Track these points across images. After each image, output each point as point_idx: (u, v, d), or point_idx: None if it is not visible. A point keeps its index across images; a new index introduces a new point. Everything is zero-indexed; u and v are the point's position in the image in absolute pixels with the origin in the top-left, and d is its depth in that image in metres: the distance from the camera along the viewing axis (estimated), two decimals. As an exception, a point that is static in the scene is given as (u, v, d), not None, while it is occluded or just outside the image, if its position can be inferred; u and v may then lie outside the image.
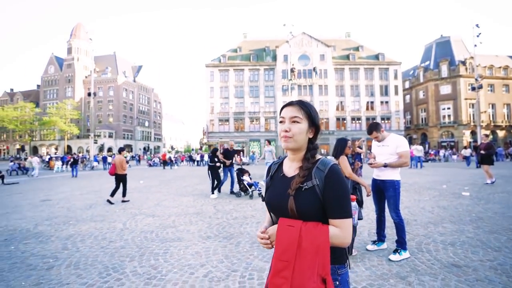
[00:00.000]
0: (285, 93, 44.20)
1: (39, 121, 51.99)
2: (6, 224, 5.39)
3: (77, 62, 59.81)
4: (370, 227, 4.59)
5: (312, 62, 45.18)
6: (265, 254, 3.49)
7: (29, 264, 3.34)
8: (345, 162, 3.43)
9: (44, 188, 11.44)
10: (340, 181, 1.03)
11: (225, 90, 46.11)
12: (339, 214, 1.01)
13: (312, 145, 1.14)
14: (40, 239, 4.35)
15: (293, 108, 1.11)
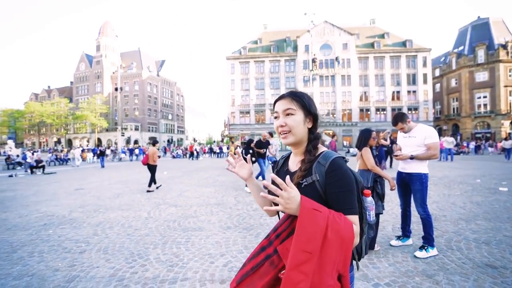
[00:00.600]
0: (306, 84, 43.24)
1: (72, 116, 55.47)
2: (46, 210, 5.84)
3: (105, 59, 62.48)
4: (394, 221, 4.40)
5: (334, 52, 43.63)
6: (284, 246, 3.47)
7: (65, 247, 3.60)
8: (368, 153, 3.28)
9: (78, 177, 12.23)
10: (344, 175, 0.93)
11: (246, 82, 46.03)
12: (348, 210, 0.91)
13: (314, 135, 1.07)
14: (74, 224, 4.67)
15: (285, 100, 1.04)
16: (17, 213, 5.68)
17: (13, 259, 3.29)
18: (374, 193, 3.17)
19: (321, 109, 44.02)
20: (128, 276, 2.75)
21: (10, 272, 2.94)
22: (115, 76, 58.42)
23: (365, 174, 3.25)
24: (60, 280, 2.71)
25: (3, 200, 7.09)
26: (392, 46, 44.42)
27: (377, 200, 3.15)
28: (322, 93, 44.05)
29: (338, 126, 43.12)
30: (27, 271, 2.96)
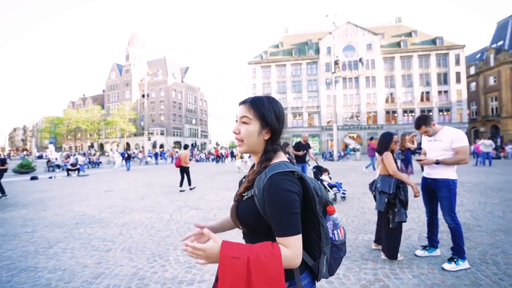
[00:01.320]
0: (329, 87, 42.47)
1: (104, 121, 59.10)
2: (78, 210, 6.26)
3: (133, 67, 66.04)
4: (421, 230, 4.16)
5: (358, 53, 42.51)
6: (302, 252, 3.42)
7: (93, 245, 3.83)
8: (389, 158, 3.15)
9: (107, 180, 12.96)
10: (278, 194, 0.84)
11: (267, 86, 46.23)
12: (282, 233, 0.83)
13: (271, 147, 0.98)
14: (102, 224, 4.95)
15: (244, 107, 0.97)
16: (54, 212, 6.15)
17: (49, 254, 3.56)
18: (397, 199, 3.02)
19: (344, 111, 42.95)
20: (149, 275, 2.86)
21: (46, 266, 3.19)
22: (143, 84, 61.41)
23: (386, 180, 3.12)
24: (88, 276, 2.89)
25: (43, 200, 7.70)
26: (421, 44, 42.34)
27: (400, 208, 3.00)
28: (345, 96, 43.00)
29: (362, 129, 41.74)
30: (60, 265, 3.19)
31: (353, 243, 3.65)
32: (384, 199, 3.06)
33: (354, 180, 10.56)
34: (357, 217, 5.01)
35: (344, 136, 42.84)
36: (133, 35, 68.68)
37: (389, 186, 3.07)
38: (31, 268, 3.16)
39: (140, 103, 62.48)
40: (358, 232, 4.15)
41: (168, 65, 67.96)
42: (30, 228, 4.85)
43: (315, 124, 44.30)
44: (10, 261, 3.39)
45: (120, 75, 67.71)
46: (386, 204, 3.04)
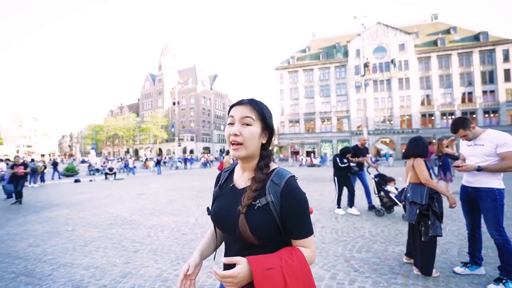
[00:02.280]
0: (358, 90, 41.06)
1: (139, 128, 62.88)
2: (112, 211, 6.66)
3: (165, 77, 69.69)
4: (461, 244, 3.77)
5: (389, 54, 40.63)
6: (326, 262, 3.27)
7: (123, 246, 4.04)
8: (422, 165, 2.90)
9: (140, 183, 13.67)
10: (300, 196, 0.88)
11: (295, 91, 45.93)
12: (306, 234, 0.88)
13: (266, 152, 0.96)
14: (133, 226, 5.21)
15: (245, 107, 0.92)
16: (92, 212, 6.61)
17: (84, 252, 3.82)
18: (430, 211, 2.75)
19: (376, 115, 41.08)
20: (172, 278, 2.93)
21: (81, 263, 3.42)
22: (174, 92, 64.42)
23: (418, 189, 2.87)
24: (116, 275, 3.04)
25: (83, 201, 8.33)
26: (461, 41, 39.26)
27: (435, 220, 2.72)
28: (376, 99, 41.15)
29: (396, 133, 39.51)
30: (93, 263, 3.40)
31: (382, 255, 3.42)
32: (415, 210, 2.80)
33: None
34: (388, 227, 4.70)
35: (376, 141, 40.88)
36: (165, 45, 72.66)
37: (421, 196, 2.81)
38: (68, 264, 3.41)
39: (172, 110, 65.49)
40: (388, 243, 3.88)
41: (198, 73, 70.65)
42: (70, 227, 5.26)
43: (345, 129, 42.89)
44: (52, 256, 3.69)
45: (153, 84, 71.83)
46: (418, 216, 2.78)
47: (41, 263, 3.46)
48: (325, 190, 9.66)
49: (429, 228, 2.70)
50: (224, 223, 0.94)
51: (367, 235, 4.30)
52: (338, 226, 4.89)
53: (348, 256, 3.44)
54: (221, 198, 1.00)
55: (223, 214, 0.95)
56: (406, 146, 3.17)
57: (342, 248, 3.73)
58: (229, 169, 1.08)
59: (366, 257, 3.38)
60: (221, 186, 1.03)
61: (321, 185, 11.26)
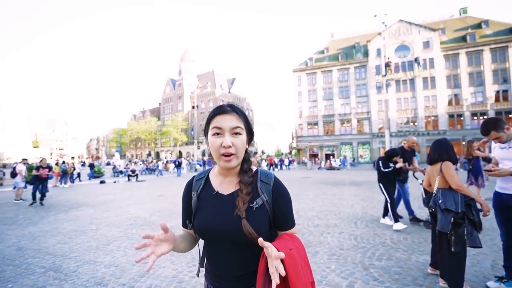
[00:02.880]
0: (379, 91, 39.74)
1: (160, 132, 64.95)
2: (134, 212, 6.90)
3: (185, 81, 71.56)
4: (495, 256, 3.48)
5: (413, 52, 38.99)
6: (344, 269, 3.17)
7: (142, 247, 4.16)
8: (451, 170, 2.69)
9: (161, 185, 14.08)
10: (286, 192, 0.99)
11: (313, 93, 45.34)
12: (291, 225, 0.98)
13: (247, 155, 0.97)
14: (152, 226, 5.36)
15: (232, 116, 0.91)
16: (115, 212, 6.89)
17: (106, 251, 3.99)
18: (466, 220, 2.49)
19: (398, 117, 39.53)
20: (187, 279, 2.97)
21: (103, 261, 3.57)
22: (193, 96, 65.96)
23: (451, 195, 2.62)
24: (135, 274, 3.14)
25: (107, 202, 8.71)
26: (494, 36, 36.69)
27: (472, 230, 2.46)
28: (399, 99, 39.60)
29: (420, 135, 37.73)
30: (114, 262, 3.53)
31: (404, 264, 3.26)
32: (449, 218, 2.54)
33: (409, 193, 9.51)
34: (411, 234, 4.48)
35: (399, 144, 39.25)
36: (185, 51, 74.71)
37: (455, 203, 2.55)
38: (91, 261, 3.57)
39: (191, 114, 67.03)
40: (412, 251, 3.69)
41: (216, 77, 71.88)
42: (95, 226, 5.51)
43: (365, 131, 41.63)
44: (77, 254, 3.89)
45: (173, 89, 74.00)
46: (452, 225, 2.52)
47: (67, 260, 3.66)
48: (344, 194, 9.40)
49: (461, 238, 2.47)
50: (217, 232, 0.91)
51: (388, 242, 4.12)
52: (357, 232, 4.73)
53: (367, 263, 3.31)
54: (205, 207, 0.96)
55: (215, 222, 0.91)
56: (430, 150, 2.97)
57: (361, 255, 3.60)
58: (201, 176, 1.04)
59: (386, 265, 3.24)
60: (199, 195, 0.99)
61: (340, 189, 10.98)
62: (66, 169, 14.95)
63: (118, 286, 2.85)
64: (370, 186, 11.83)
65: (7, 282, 3.03)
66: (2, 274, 3.25)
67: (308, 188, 11.39)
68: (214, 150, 0.90)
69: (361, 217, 5.89)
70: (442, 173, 2.73)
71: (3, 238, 4.85)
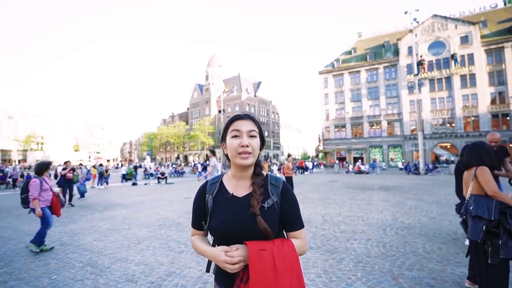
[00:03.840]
0: (411, 91, 37.66)
1: (188, 136, 67.27)
2: (162, 213, 7.22)
3: (212, 86, 73.55)
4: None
5: (449, 49, 36.50)
6: (371, 277, 3.04)
7: (169, 246, 4.34)
8: (487, 174, 2.46)
9: (189, 188, 14.54)
10: (294, 195, 1.09)
11: (340, 95, 44.23)
12: (298, 226, 1.06)
13: (258, 159, 1.09)
14: (179, 228, 5.56)
15: (248, 122, 1.05)
16: (145, 213, 7.26)
17: (137, 249, 4.21)
18: (501, 229, 2.26)
19: (433, 117, 37.07)
20: (211, 280, 3.04)
21: (133, 259, 3.78)
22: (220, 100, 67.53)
23: (483, 202, 2.41)
24: (162, 273, 3.28)
25: (138, 203, 9.20)
26: (545, 27, 33.16)
27: (507, 240, 2.22)
28: (433, 99, 37.17)
29: (458, 137, 35.02)
30: (143, 260, 3.72)
31: (438, 276, 3.04)
32: (481, 226, 2.33)
33: (445, 199, 8.89)
34: (447, 244, 4.17)
35: (434, 146, 36.80)
36: (212, 57, 76.90)
37: (488, 210, 2.33)
38: (123, 259, 3.80)
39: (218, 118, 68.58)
40: (447, 262, 3.44)
41: (242, 81, 72.96)
42: (127, 226, 5.85)
43: (396, 133, 39.61)
44: (111, 251, 4.16)
45: (201, 94, 76.37)
46: (484, 233, 2.30)
47: (102, 256, 3.93)
48: (373, 200, 9.01)
49: (498, 249, 2.27)
50: (233, 231, 1.00)
51: (420, 251, 3.88)
52: (386, 239, 4.52)
53: (396, 273, 3.14)
54: (221, 209, 1.04)
55: (232, 223, 1.00)
56: (465, 154, 2.75)
57: (390, 264, 3.43)
58: (215, 180, 1.13)
59: (418, 276, 3.05)
60: (215, 197, 1.08)
61: (369, 194, 10.54)
62: (103, 172, 16.04)
63: (147, 283, 3.01)
64: (401, 191, 11.22)
65: (52, 273, 3.34)
66: (48, 266, 3.58)
67: (335, 193, 11.09)
68: (232, 149, 1.02)
69: (390, 223, 5.60)
70: (476, 178, 2.52)
71: (49, 234, 5.30)
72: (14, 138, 74.30)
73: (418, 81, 26.49)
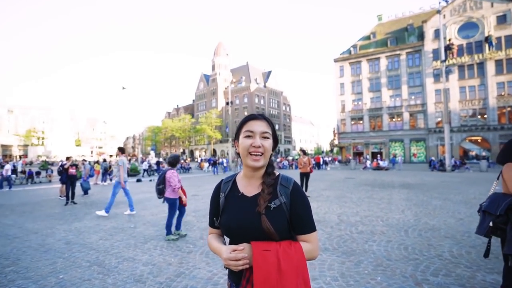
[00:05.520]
0: (438, 79, 36.57)
1: (193, 129, 67.89)
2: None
3: (219, 76, 73.67)
4: None
5: (482, 31, 35.02)
6: (392, 282, 3.04)
7: (178, 246, 4.46)
8: (510, 172, 2.41)
9: (195, 184, 14.77)
10: (304, 197, 1.11)
11: (358, 84, 43.47)
12: (309, 229, 1.08)
13: (271, 159, 1.14)
14: (187, 227, 5.69)
15: (262, 122, 1.11)
16: (151, 211, 7.45)
17: (144, 249, 4.35)
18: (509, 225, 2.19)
19: (462, 108, 35.94)
20: (222, 282, 3.12)
21: (141, 259, 3.90)
22: (227, 91, 67.64)
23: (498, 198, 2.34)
24: (171, 273, 3.38)
25: (144, 200, 9.43)
26: None
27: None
28: (462, 88, 35.94)
29: (491, 130, 33.89)
30: (151, 260, 3.84)
31: (467, 283, 3.01)
32: (487, 222, 2.31)
33: (475, 198, 8.69)
34: (476, 248, 4.10)
35: (462, 140, 35.75)
36: (218, 45, 76.80)
37: (498, 205, 2.34)
38: (130, 258, 3.94)
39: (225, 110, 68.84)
40: (477, 268, 3.38)
41: (251, 71, 72.70)
42: (133, 224, 6.03)
43: (420, 126, 38.69)
44: (117, 250, 4.31)
45: (207, 85, 76.65)
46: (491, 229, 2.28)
47: (109, 256, 4.08)
48: (393, 198, 8.91)
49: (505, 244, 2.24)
50: (240, 229, 1.07)
51: (446, 255, 3.83)
52: (408, 241, 4.48)
53: (420, 278, 3.13)
54: (231, 207, 1.12)
55: (240, 220, 1.07)
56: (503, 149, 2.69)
57: (413, 268, 3.41)
58: (229, 179, 1.22)
59: (444, 282, 3.03)
60: (227, 196, 1.16)
61: (388, 192, 10.42)
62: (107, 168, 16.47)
63: (156, 284, 3.11)
64: (425, 189, 11.03)
65: (59, 273, 3.50)
66: (55, 265, 3.76)
67: (352, 190, 11.02)
68: (244, 149, 1.09)
69: (413, 224, 5.54)
70: (502, 176, 2.46)
71: (54, 232, 5.57)
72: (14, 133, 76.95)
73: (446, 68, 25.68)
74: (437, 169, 24.22)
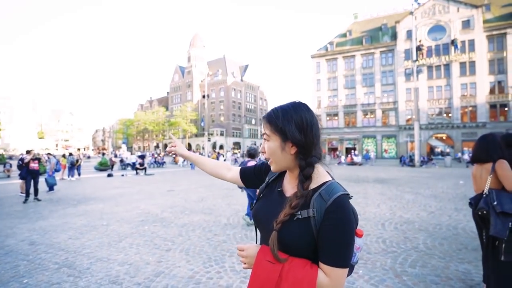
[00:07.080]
0: (409, 78, 38.37)
1: (168, 123, 66.00)
2: (144, 207, 7.10)
3: (194, 69, 71.97)
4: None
5: (449, 34, 37.21)
6: (373, 275, 3.13)
7: (155, 244, 4.28)
8: (507, 170, 2.50)
9: (170, 180, 14.38)
10: (344, 218, 0.83)
11: (333, 81, 44.46)
12: (332, 261, 0.82)
13: (305, 162, 0.90)
14: (164, 223, 5.50)
15: (264, 124, 0.99)
16: (124, 208, 7.12)
17: (119, 248, 4.13)
18: None
19: (429, 107, 38.14)
20: (204, 280, 3.03)
21: (116, 258, 3.70)
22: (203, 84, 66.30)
23: (507, 197, 2.42)
24: (149, 273, 3.23)
25: (116, 196, 9.00)
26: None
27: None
28: (430, 88, 38.10)
29: (455, 128, 36.33)
30: (127, 259, 3.65)
31: (442, 273, 3.17)
32: (508, 223, 2.32)
33: (443, 192, 9.26)
34: (448, 240, 4.35)
35: (429, 137, 38.04)
36: (194, 36, 74.88)
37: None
38: (104, 258, 3.71)
39: (201, 104, 67.62)
40: (450, 259, 3.58)
41: (228, 64, 71.80)
42: (105, 222, 5.72)
43: (391, 123, 40.55)
44: (90, 250, 4.05)
45: (182, 77, 74.67)
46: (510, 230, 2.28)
47: (80, 256, 3.82)
48: (369, 193, 9.25)
49: None
50: (262, 225, 1.01)
51: (421, 247, 4.03)
52: (386, 234, 4.66)
53: (399, 270, 3.25)
54: (265, 199, 1.05)
55: (263, 217, 0.99)
56: (476, 148, 2.82)
57: (392, 260, 3.54)
58: None
59: (421, 273, 3.17)
60: (268, 184, 1.08)
61: (363, 187, 10.82)
62: (74, 162, 15.53)
63: (133, 285, 2.95)
64: (397, 184, 11.58)
65: (23, 277, 3.21)
66: (17, 269, 3.44)
67: (329, 186, 11.29)
68: None
69: (389, 218, 5.78)
70: (495, 172, 2.56)
71: (15, 232, 5.13)
72: (-34, 123, 70.26)
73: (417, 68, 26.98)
74: (407, 164, 25.59)
